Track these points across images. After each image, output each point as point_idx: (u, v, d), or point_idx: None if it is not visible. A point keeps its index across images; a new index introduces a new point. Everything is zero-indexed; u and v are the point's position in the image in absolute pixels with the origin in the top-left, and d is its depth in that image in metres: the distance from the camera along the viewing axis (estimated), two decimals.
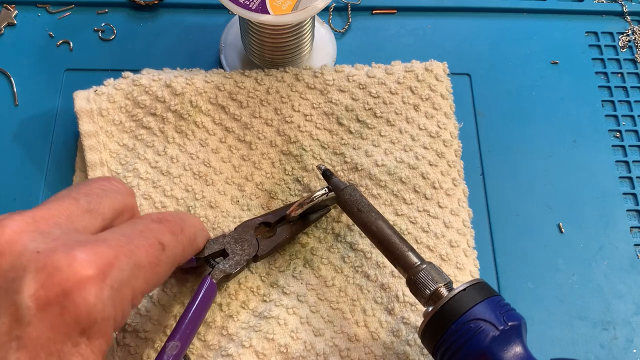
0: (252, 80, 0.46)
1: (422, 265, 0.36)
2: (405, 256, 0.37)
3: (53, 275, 0.25)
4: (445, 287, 0.35)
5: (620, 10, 0.55)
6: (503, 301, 0.34)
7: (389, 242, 0.38)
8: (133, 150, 0.45)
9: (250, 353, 0.38)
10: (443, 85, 0.47)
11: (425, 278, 0.35)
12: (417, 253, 0.37)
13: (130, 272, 0.28)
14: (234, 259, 0.39)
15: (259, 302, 0.41)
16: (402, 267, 0.37)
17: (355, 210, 0.39)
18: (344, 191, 0.40)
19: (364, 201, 0.40)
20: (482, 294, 0.34)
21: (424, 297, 0.35)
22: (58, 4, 0.53)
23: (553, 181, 0.48)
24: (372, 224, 0.38)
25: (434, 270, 0.36)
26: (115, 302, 0.27)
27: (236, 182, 0.45)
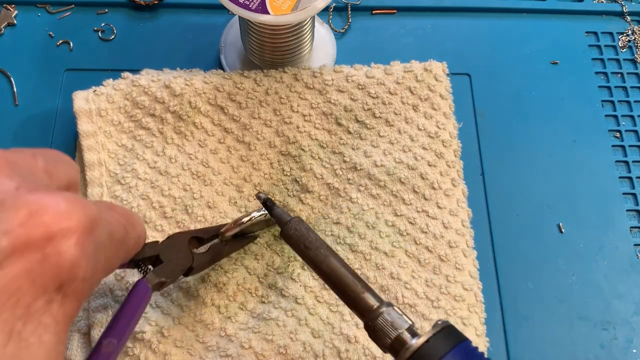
0: (251, 81, 0.46)
1: (381, 309, 0.32)
2: (361, 299, 0.33)
3: (37, 215, 0.21)
4: (408, 332, 0.31)
5: (620, 10, 0.55)
6: (472, 346, 0.31)
7: (342, 282, 0.33)
8: (132, 151, 0.45)
9: (250, 354, 0.38)
10: (442, 85, 0.47)
11: (384, 324, 0.31)
12: (375, 293, 0.33)
13: (107, 238, 0.24)
14: (169, 267, 0.36)
15: (257, 303, 0.41)
16: (358, 311, 0.33)
17: (302, 247, 0.35)
18: (288, 225, 0.36)
19: (312, 236, 0.35)
20: (451, 341, 0.30)
21: (385, 344, 0.31)
22: (58, 4, 0.53)
23: (553, 181, 0.48)
24: (321, 262, 0.34)
25: (395, 313, 0.32)
26: (95, 266, 0.23)
27: (234, 182, 0.45)
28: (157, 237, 0.42)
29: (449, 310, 0.41)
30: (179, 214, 0.43)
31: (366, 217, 0.43)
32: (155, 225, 0.42)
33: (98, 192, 0.43)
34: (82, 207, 0.22)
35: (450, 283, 0.42)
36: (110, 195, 0.43)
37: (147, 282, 0.35)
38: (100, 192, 0.43)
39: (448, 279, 0.42)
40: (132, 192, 0.43)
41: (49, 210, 0.21)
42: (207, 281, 0.41)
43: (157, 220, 0.42)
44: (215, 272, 0.42)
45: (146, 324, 0.40)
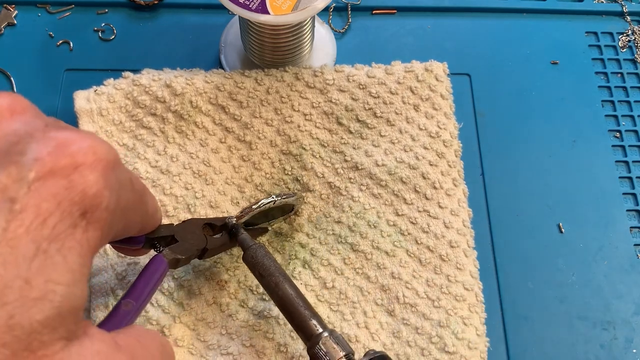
0: (252, 81, 0.46)
1: (323, 334, 0.34)
2: (306, 324, 0.35)
3: (64, 147, 0.22)
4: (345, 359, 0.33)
5: (620, 10, 0.55)
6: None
7: (291, 308, 0.35)
8: (133, 150, 0.45)
9: (251, 352, 0.38)
10: (443, 85, 0.47)
11: (323, 349, 0.34)
12: (321, 320, 0.35)
13: (128, 183, 0.26)
14: (184, 246, 0.37)
15: (257, 300, 0.41)
16: (303, 335, 0.35)
17: (257, 274, 0.37)
18: (246, 252, 0.38)
19: (266, 262, 0.37)
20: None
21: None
22: (58, 4, 0.53)
23: (553, 181, 0.48)
24: (272, 288, 0.36)
25: (335, 340, 0.34)
26: (117, 204, 0.24)
27: (236, 182, 0.45)
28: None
29: (450, 310, 0.41)
30: (181, 212, 0.43)
31: (368, 217, 0.43)
32: None
33: None
34: (106, 145, 0.24)
35: (451, 283, 0.42)
36: None
37: (164, 257, 0.35)
38: None
39: (449, 279, 0.42)
40: None
41: (75, 143, 0.23)
42: (210, 279, 0.41)
43: None
44: (217, 270, 0.42)
45: (147, 323, 0.40)
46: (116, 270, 0.41)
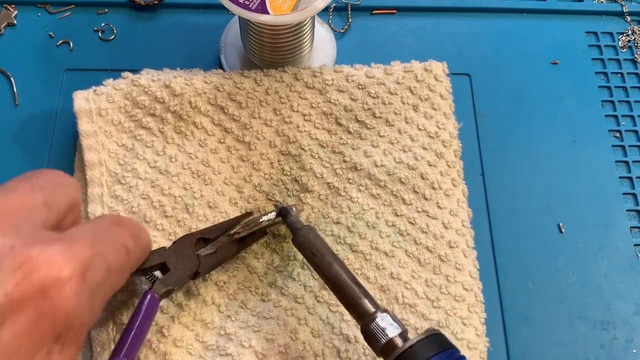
0: (251, 81, 0.46)
1: (376, 314, 0.34)
2: (360, 304, 0.35)
3: (31, 273, 0.22)
4: (400, 337, 0.33)
5: (620, 10, 0.55)
6: (458, 354, 0.33)
7: (343, 287, 0.36)
8: (132, 151, 0.45)
9: (250, 353, 0.38)
10: (442, 85, 0.47)
11: (379, 327, 0.34)
12: (373, 299, 0.35)
13: (103, 275, 0.26)
14: (176, 274, 0.37)
15: (257, 301, 0.41)
16: (356, 314, 0.35)
17: (309, 254, 0.37)
18: (298, 232, 0.38)
19: (319, 243, 0.38)
20: (439, 346, 0.32)
21: (377, 347, 0.34)
22: (58, 4, 0.53)
23: (553, 181, 0.48)
24: (325, 268, 0.37)
25: (390, 318, 0.34)
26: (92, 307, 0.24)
27: (235, 182, 0.45)
28: (158, 236, 0.42)
29: (449, 310, 0.41)
30: (179, 212, 0.43)
31: (366, 217, 0.43)
32: (155, 224, 0.42)
33: (98, 191, 0.43)
34: (75, 254, 0.24)
35: (450, 283, 0.42)
36: (110, 195, 0.43)
37: (155, 292, 0.35)
38: (101, 191, 0.43)
39: (448, 279, 0.42)
40: (132, 192, 0.43)
41: (42, 265, 0.22)
42: (208, 280, 0.41)
43: (157, 220, 0.42)
44: (216, 271, 0.42)
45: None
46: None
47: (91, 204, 0.42)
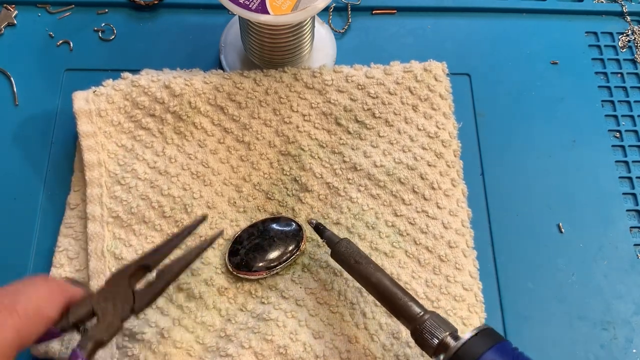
0: (250, 81, 0.46)
1: (425, 316, 0.35)
2: (408, 307, 0.36)
3: None
4: (451, 337, 0.34)
5: (620, 11, 0.55)
6: (512, 345, 0.33)
7: (390, 293, 0.37)
8: (131, 151, 0.44)
9: (250, 354, 0.38)
10: (442, 85, 0.47)
11: (430, 328, 0.34)
12: (419, 303, 0.36)
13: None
14: (106, 320, 0.33)
15: (257, 303, 0.41)
16: (405, 318, 0.36)
17: (352, 262, 0.38)
18: (339, 244, 0.39)
19: (362, 253, 0.39)
20: (492, 340, 0.33)
21: (431, 347, 0.34)
22: (58, 4, 0.53)
23: (553, 181, 0.48)
24: (371, 275, 0.37)
25: (439, 319, 0.35)
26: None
27: (234, 182, 0.45)
28: (156, 236, 0.42)
29: (449, 311, 0.41)
30: (177, 213, 0.43)
31: (366, 217, 0.43)
32: (154, 224, 0.42)
33: (98, 192, 0.43)
34: None
35: (450, 283, 0.42)
36: (109, 196, 0.43)
37: (80, 350, 0.32)
38: (100, 192, 0.43)
39: (448, 279, 0.42)
40: (131, 193, 0.43)
41: None
42: (210, 285, 0.41)
43: (156, 220, 0.42)
44: (217, 277, 0.41)
45: (146, 325, 0.40)
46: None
47: (90, 204, 0.43)
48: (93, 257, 0.41)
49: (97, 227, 0.42)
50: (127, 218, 0.42)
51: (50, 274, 0.42)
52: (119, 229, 0.42)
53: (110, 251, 0.41)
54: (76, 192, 0.44)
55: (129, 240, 0.42)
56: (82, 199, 0.44)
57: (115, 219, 0.42)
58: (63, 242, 0.43)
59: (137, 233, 0.42)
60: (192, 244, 0.41)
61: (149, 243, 0.42)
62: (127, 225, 0.42)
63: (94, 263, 0.41)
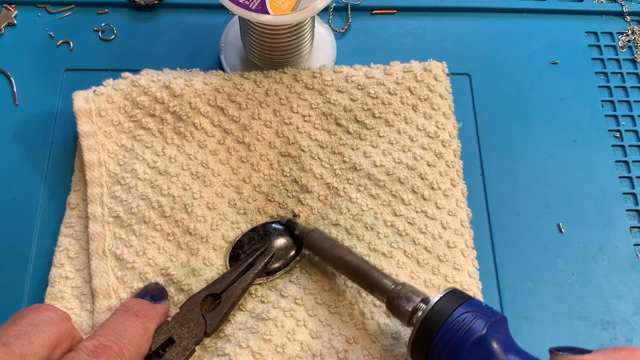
0: (251, 82, 0.46)
1: (397, 287, 0.37)
2: (380, 280, 0.38)
3: None
4: (422, 303, 0.36)
5: (620, 10, 0.55)
6: (478, 301, 0.35)
7: (363, 270, 0.39)
8: (131, 151, 0.44)
9: (247, 353, 0.38)
10: (442, 85, 0.47)
11: (403, 296, 0.37)
12: (390, 277, 0.38)
13: None
14: (181, 344, 0.37)
15: (256, 303, 0.41)
16: (379, 291, 0.38)
17: (326, 247, 0.40)
18: (311, 233, 0.41)
19: (332, 238, 0.42)
20: (461, 298, 0.35)
21: (405, 315, 0.36)
22: (58, 4, 0.53)
23: (553, 181, 0.48)
24: (344, 255, 0.40)
25: (410, 288, 0.37)
26: None
27: (234, 184, 0.45)
28: (156, 236, 0.42)
29: None
30: (177, 212, 0.43)
31: (365, 218, 0.43)
32: (154, 224, 0.42)
33: (98, 192, 0.43)
34: None
35: (449, 283, 0.42)
36: (110, 196, 0.43)
37: None
38: (101, 192, 0.43)
39: (447, 279, 0.42)
40: (131, 192, 0.43)
41: None
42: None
43: (156, 220, 0.42)
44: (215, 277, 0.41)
45: None
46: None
47: (91, 204, 0.43)
48: (95, 257, 0.41)
49: (98, 226, 0.42)
50: (127, 218, 0.42)
51: (51, 273, 0.42)
52: (120, 228, 0.42)
53: (111, 251, 0.41)
54: (76, 192, 0.44)
55: (130, 240, 0.42)
56: (83, 198, 0.44)
57: (115, 218, 0.42)
58: (63, 242, 0.43)
59: (137, 233, 0.42)
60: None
61: (150, 243, 0.42)
62: (128, 225, 0.42)
63: (95, 263, 0.41)
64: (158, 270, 0.41)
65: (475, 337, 0.33)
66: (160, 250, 0.42)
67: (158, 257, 0.42)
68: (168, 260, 0.42)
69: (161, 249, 0.42)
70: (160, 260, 0.41)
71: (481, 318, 0.33)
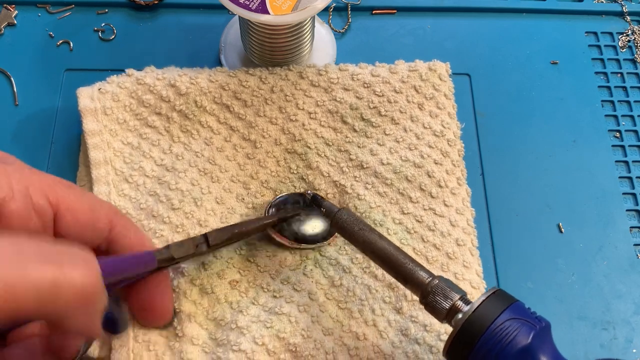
0: (256, 79, 0.46)
1: (434, 280, 0.34)
2: (415, 272, 0.35)
3: None
4: (461, 301, 0.33)
5: (620, 10, 0.55)
6: (524, 306, 0.33)
7: (396, 260, 0.36)
8: (138, 149, 0.44)
9: (262, 351, 0.38)
10: (446, 85, 0.47)
11: (441, 291, 0.34)
12: (425, 268, 0.35)
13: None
14: (183, 245, 0.38)
15: (269, 297, 0.41)
16: (413, 284, 0.35)
17: (356, 230, 0.37)
18: (340, 212, 0.38)
19: (364, 221, 0.38)
20: (506, 301, 0.32)
21: (442, 313, 0.34)
22: (58, 4, 0.53)
23: (553, 181, 0.48)
24: (376, 242, 0.37)
25: (448, 282, 0.34)
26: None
27: (241, 180, 0.45)
28: (165, 229, 0.42)
29: None
30: (186, 205, 0.42)
31: (373, 215, 0.43)
32: (163, 218, 0.42)
33: (105, 190, 0.43)
34: None
35: (458, 281, 0.41)
36: (117, 194, 0.43)
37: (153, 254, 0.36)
38: (108, 190, 0.43)
39: (456, 277, 0.42)
40: (140, 190, 0.43)
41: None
42: (222, 277, 0.41)
43: (164, 213, 0.42)
44: (229, 270, 0.41)
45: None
46: None
47: None
48: None
49: None
50: (137, 214, 0.42)
51: None
52: None
53: None
54: (82, 187, 0.44)
55: None
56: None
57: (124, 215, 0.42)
58: None
59: (146, 228, 0.42)
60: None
61: (158, 237, 0.42)
62: (137, 220, 0.42)
63: None
64: None
65: (520, 347, 0.30)
66: (169, 243, 0.42)
67: None
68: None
69: (170, 242, 0.42)
70: None
71: (526, 326, 0.31)
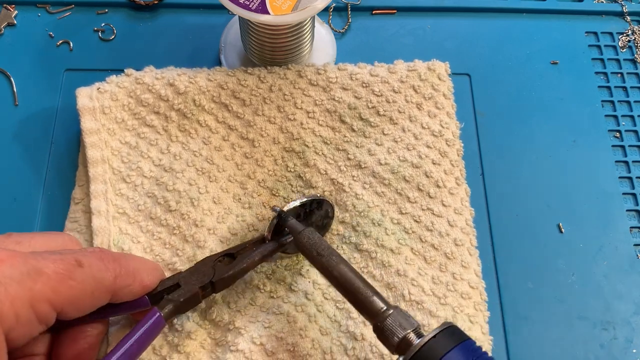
0: (254, 78, 0.46)
1: (388, 311, 0.34)
2: (370, 302, 0.34)
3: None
4: (414, 334, 0.33)
5: (620, 11, 0.55)
6: (475, 345, 0.32)
7: (352, 287, 0.35)
8: (136, 149, 0.44)
9: (260, 351, 0.38)
10: (445, 85, 0.47)
11: (392, 325, 0.33)
12: (383, 297, 0.35)
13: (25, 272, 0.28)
14: (186, 288, 0.36)
15: (266, 298, 0.41)
16: (367, 313, 0.35)
17: (314, 254, 0.37)
18: (301, 234, 0.38)
19: (324, 244, 0.37)
20: (454, 340, 0.32)
21: (392, 345, 0.33)
22: (58, 4, 0.53)
23: (553, 181, 0.48)
24: (333, 268, 0.36)
25: (402, 315, 0.34)
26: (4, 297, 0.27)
27: (239, 179, 0.45)
28: (162, 232, 0.42)
29: (456, 308, 0.41)
30: (183, 206, 0.42)
31: (372, 215, 0.43)
32: (160, 220, 0.42)
33: (102, 188, 0.43)
34: None
35: (457, 281, 0.42)
36: (115, 193, 0.43)
37: (159, 310, 0.34)
38: (104, 188, 0.43)
39: (454, 277, 0.42)
40: (137, 191, 0.43)
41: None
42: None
43: (162, 215, 0.42)
44: None
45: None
46: None
47: (94, 200, 0.42)
48: None
49: (102, 221, 0.42)
50: (134, 215, 0.42)
51: None
52: (127, 224, 0.42)
53: (117, 246, 0.41)
54: (81, 187, 0.44)
55: (137, 237, 0.42)
56: (87, 193, 0.44)
57: (121, 214, 0.42)
58: None
59: (144, 230, 0.42)
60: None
61: (156, 239, 0.42)
62: (135, 222, 0.42)
63: None
64: (165, 265, 0.41)
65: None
66: (166, 245, 0.42)
67: (165, 253, 0.42)
68: (174, 255, 0.42)
69: (167, 244, 0.42)
70: (166, 256, 0.41)
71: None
